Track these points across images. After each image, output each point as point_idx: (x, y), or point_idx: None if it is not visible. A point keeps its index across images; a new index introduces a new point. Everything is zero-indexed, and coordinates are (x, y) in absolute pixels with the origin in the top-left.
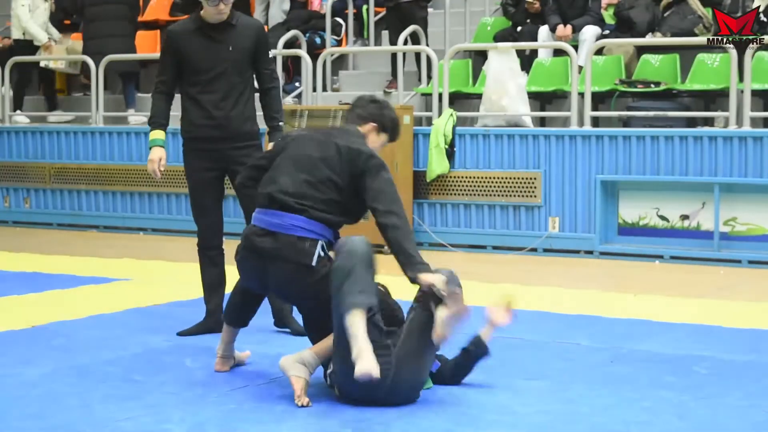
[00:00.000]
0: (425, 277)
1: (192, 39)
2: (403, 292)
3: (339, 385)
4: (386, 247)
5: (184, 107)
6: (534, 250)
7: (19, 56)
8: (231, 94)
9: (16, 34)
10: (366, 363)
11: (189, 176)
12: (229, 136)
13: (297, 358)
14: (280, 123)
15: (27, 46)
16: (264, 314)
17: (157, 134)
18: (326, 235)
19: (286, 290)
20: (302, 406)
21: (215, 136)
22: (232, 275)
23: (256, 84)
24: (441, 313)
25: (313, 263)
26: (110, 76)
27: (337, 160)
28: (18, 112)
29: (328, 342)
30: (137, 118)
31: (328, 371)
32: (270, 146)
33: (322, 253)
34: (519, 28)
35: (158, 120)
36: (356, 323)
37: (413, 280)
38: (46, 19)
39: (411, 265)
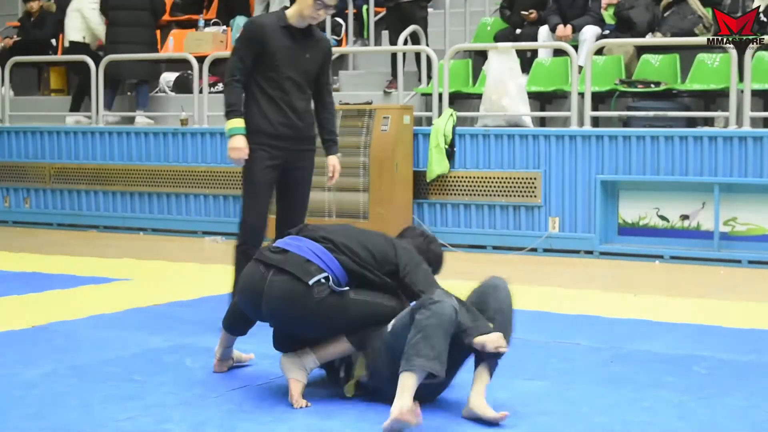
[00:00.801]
0: (479, 340)
1: (279, 36)
2: None
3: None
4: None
5: (257, 102)
6: (534, 250)
7: (18, 56)
8: (302, 98)
9: (76, 37)
10: (405, 414)
11: (253, 173)
12: (298, 138)
13: (298, 361)
14: (337, 137)
15: (83, 50)
16: None
17: (238, 122)
18: (337, 274)
19: (278, 308)
20: (300, 407)
21: (288, 135)
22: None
23: None
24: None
25: (310, 282)
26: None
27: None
28: (106, 112)
29: (331, 347)
30: (143, 119)
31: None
32: (328, 159)
33: (323, 281)
34: (519, 30)
35: (238, 108)
36: (414, 384)
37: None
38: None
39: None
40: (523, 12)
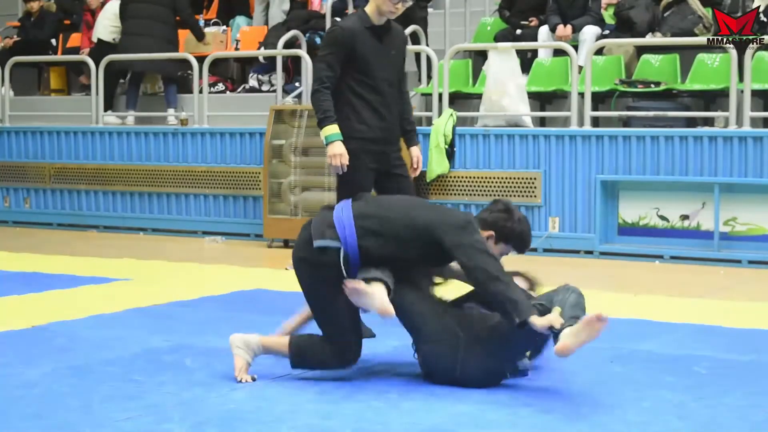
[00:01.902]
0: (538, 321)
1: (364, 39)
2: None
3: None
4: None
5: (352, 107)
6: (534, 249)
7: (18, 56)
8: (392, 97)
9: (106, 37)
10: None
11: (354, 178)
12: (393, 139)
13: (245, 340)
14: (415, 128)
15: (110, 50)
16: (264, 313)
17: (334, 129)
18: (350, 254)
19: (293, 255)
20: (241, 381)
21: (385, 137)
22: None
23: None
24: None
25: (315, 244)
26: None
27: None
28: (131, 112)
29: (278, 340)
30: (173, 119)
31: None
32: (411, 151)
33: (330, 250)
34: (519, 31)
35: (332, 115)
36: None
37: (523, 324)
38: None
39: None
40: (523, 22)
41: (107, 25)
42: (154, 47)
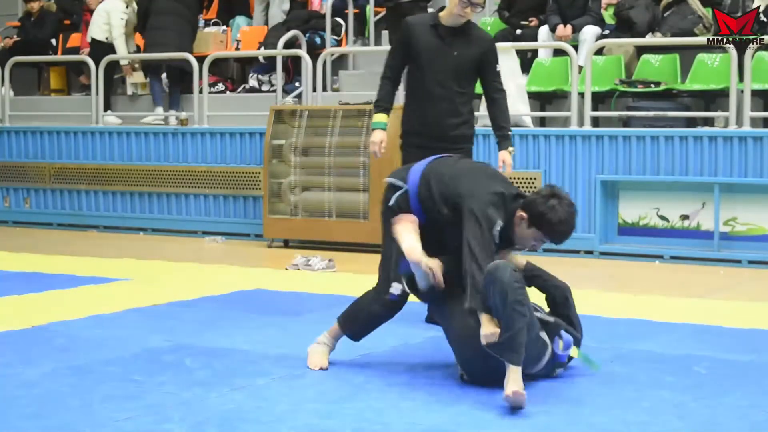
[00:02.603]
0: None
1: (425, 35)
2: None
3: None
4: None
5: (408, 101)
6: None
7: (18, 56)
8: (446, 97)
9: (99, 36)
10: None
11: (402, 163)
12: (437, 137)
13: (318, 340)
14: (509, 132)
15: (105, 49)
16: (264, 313)
17: (381, 117)
18: (411, 193)
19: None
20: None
21: (427, 134)
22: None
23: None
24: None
25: (388, 180)
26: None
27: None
28: (109, 112)
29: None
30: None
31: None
32: (499, 155)
33: (393, 200)
34: (519, 31)
35: (382, 104)
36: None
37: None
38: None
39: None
40: (523, 22)
41: (101, 24)
42: (174, 42)
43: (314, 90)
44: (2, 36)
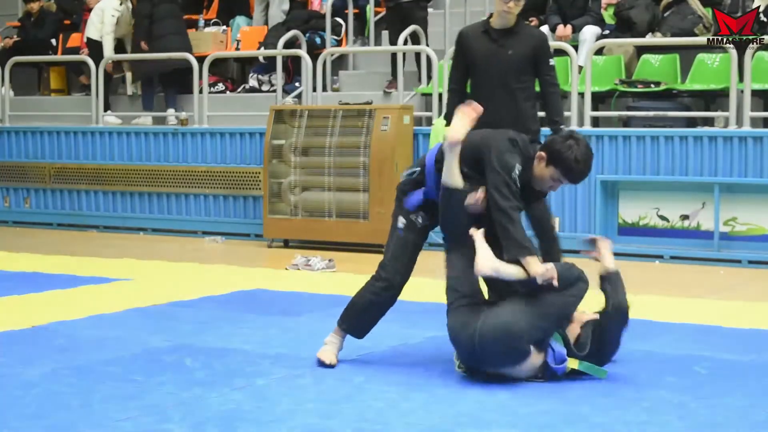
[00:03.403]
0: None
1: (478, 41)
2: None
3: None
4: None
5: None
6: None
7: (18, 56)
8: (506, 95)
9: (95, 35)
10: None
11: None
12: None
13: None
14: (561, 126)
15: (100, 48)
16: (264, 313)
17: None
18: (428, 171)
19: None
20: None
21: None
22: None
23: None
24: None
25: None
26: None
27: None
28: (109, 112)
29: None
30: (143, 120)
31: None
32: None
33: (404, 176)
34: None
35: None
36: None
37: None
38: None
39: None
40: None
41: (96, 23)
42: (176, 45)
43: (314, 90)
44: (2, 36)
